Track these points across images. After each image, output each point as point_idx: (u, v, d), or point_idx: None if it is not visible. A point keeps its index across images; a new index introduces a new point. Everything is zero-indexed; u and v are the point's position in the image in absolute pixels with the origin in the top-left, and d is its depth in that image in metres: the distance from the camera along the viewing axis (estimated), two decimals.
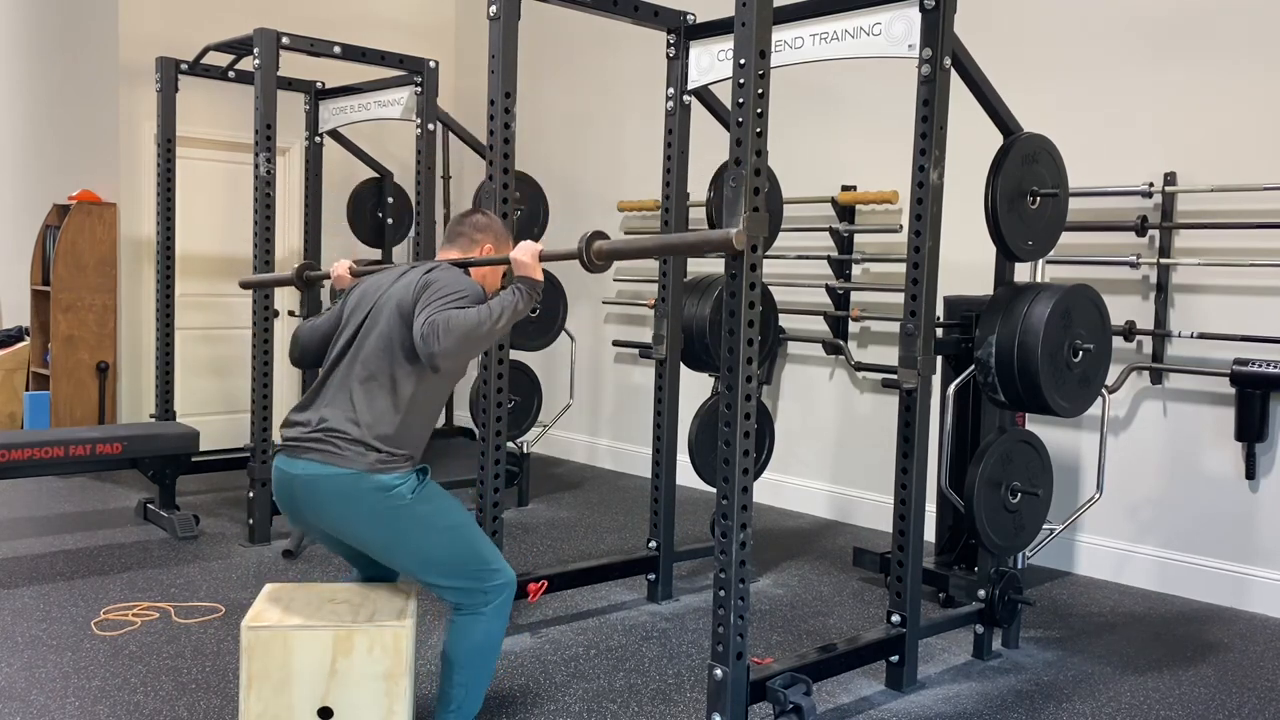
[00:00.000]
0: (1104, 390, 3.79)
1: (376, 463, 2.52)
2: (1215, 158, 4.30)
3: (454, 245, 2.85)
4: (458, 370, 2.70)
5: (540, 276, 2.62)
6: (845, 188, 5.40)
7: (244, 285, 3.38)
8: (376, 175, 6.41)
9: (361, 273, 3.01)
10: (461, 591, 2.62)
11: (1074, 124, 4.53)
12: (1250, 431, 4.17)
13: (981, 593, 3.58)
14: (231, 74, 5.68)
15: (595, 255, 2.37)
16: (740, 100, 2.69)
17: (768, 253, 4.76)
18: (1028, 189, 3.45)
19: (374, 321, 2.64)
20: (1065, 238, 3.73)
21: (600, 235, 2.46)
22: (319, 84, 5.80)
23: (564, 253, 2.58)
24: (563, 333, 5.46)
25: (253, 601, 2.73)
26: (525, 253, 2.63)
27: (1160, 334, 4.42)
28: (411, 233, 6.00)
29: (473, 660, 2.65)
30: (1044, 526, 3.70)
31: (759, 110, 2.68)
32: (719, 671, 2.80)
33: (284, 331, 5.98)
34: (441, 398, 2.74)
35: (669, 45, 3.94)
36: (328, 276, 3.20)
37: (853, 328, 5.47)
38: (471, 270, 2.78)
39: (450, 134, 6.25)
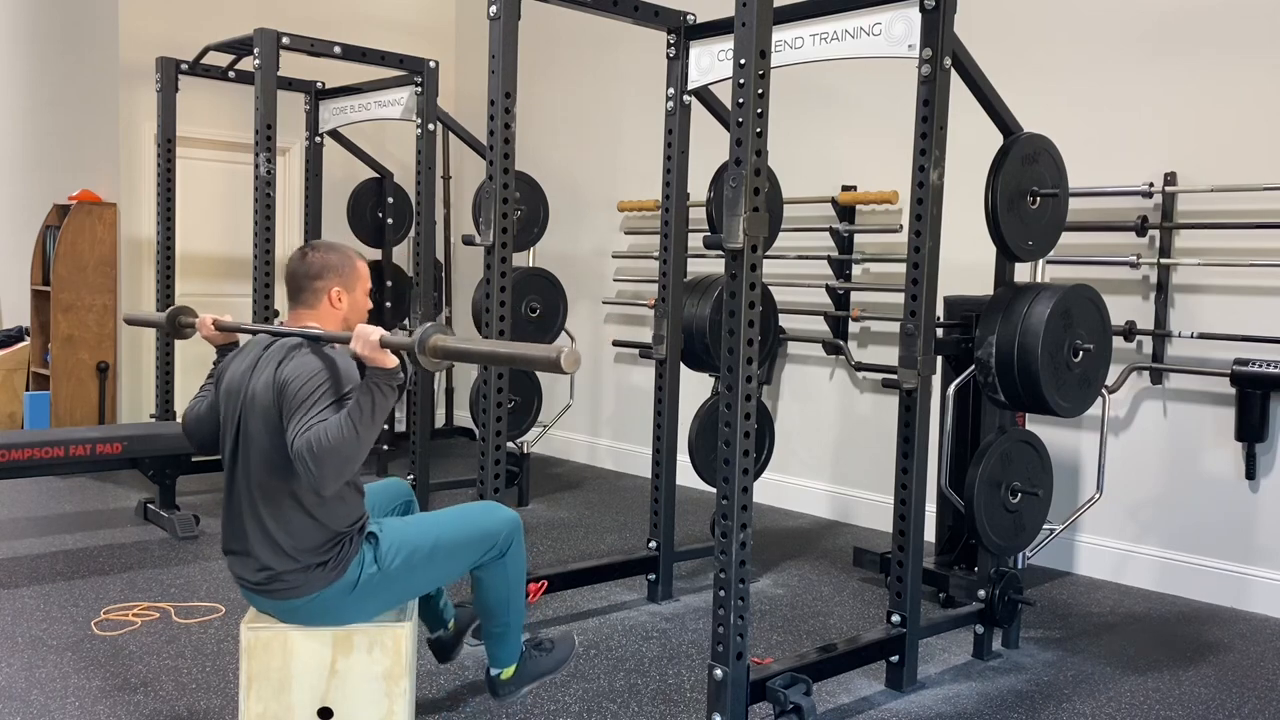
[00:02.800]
0: (1104, 390, 3.79)
1: (329, 572, 2.46)
2: (1215, 158, 4.30)
3: (300, 305, 2.60)
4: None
5: (392, 362, 2.33)
6: (845, 188, 5.40)
7: (127, 321, 3.44)
8: (376, 175, 6.41)
9: (226, 327, 2.84)
10: (481, 559, 2.73)
11: (1074, 124, 4.53)
12: (1250, 431, 4.17)
13: (981, 593, 3.58)
14: (231, 74, 5.68)
15: (431, 351, 2.34)
16: (740, 100, 2.69)
17: (768, 253, 4.76)
18: (1028, 189, 3.45)
19: (247, 434, 2.48)
20: (1065, 238, 3.73)
21: (441, 330, 2.39)
22: (319, 84, 5.80)
23: (403, 342, 2.37)
24: (563, 333, 5.46)
25: None
26: (364, 345, 2.33)
27: (1160, 334, 4.42)
28: (411, 233, 6.00)
29: (504, 601, 2.77)
30: (1044, 526, 3.70)
31: (759, 110, 2.68)
32: (719, 671, 2.80)
33: None
34: (352, 479, 2.50)
35: (669, 45, 3.94)
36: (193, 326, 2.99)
37: (853, 328, 5.47)
38: (336, 300, 2.60)
39: (450, 134, 6.25)
